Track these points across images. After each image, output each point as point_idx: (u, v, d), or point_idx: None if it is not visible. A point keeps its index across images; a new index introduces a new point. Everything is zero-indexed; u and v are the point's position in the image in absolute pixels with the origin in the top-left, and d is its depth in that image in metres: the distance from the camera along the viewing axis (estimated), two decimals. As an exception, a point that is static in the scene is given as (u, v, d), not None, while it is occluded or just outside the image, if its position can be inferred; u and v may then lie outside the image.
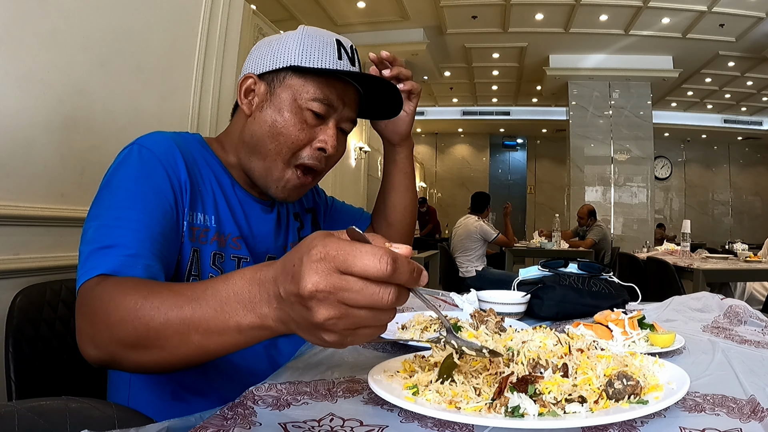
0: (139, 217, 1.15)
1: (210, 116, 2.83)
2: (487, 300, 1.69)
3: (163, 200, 1.22)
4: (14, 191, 1.77)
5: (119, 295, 0.98)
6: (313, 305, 0.70)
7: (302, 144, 1.35)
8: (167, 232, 1.21)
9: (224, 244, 1.37)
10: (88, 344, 1.01)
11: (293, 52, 1.34)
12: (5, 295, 1.52)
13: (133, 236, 1.12)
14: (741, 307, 1.70)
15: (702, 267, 4.97)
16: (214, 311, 0.85)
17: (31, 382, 1.42)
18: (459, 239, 7.09)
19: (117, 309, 0.96)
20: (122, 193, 1.19)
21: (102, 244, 1.10)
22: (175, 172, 1.27)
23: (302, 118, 1.34)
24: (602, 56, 11.92)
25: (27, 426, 0.81)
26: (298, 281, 0.70)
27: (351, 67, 1.39)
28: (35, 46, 1.84)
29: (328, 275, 0.69)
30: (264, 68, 1.38)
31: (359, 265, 0.69)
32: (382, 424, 0.82)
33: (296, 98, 1.33)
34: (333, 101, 1.35)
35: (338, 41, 1.39)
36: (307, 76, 1.34)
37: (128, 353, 0.97)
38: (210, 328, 0.85)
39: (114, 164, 1.26)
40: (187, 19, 2.67)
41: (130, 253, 1.09)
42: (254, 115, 1.38)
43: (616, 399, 0.83)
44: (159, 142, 1.29)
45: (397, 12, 10.12)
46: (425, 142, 19.79)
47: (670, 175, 18.52)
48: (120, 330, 0.95)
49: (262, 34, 4.61)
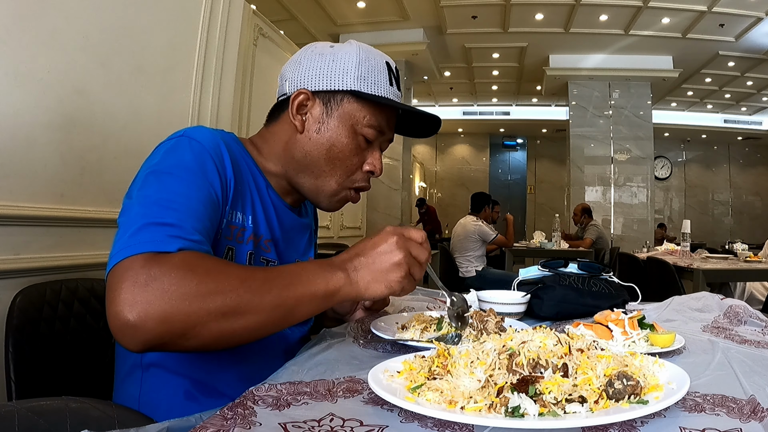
0: (197, 206, 1.13)
1: (210, 116, 2.83)
2: (487, 300, 1.69)
3: (212, 193, 1.20)
4: (14, 191, 1.77)
5: (219, 264, 1.03)
6: (395, 251, 1.11)
7: (355, 168, 1.41)
8: (214, 226, 1.21)
9: (257, 245, 1.38)
10: (153, 321, 0.91)
11: (352, 75, 1.35)
12: (5, 295, 1.53)
13: (193, 222, 1.08)
14: (741, 307, 1.69)
15: (702, 267, 4.97)
16: (299, 279, 1.06)
17: (30, 382, 1.42)
18: (458, 239, 7.09)
19: (224, 275, 0.99)
20: (174, 180, 1.14)
21: (163, 220, 1.04)
22: (222, 168, 1.25)
23: (357, 143, 1.39)
24: (602, 56, 11.91)
25: (27, 426, 0.81)
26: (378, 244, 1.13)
27: (398, 92, 1.43)
28: (35, 47, 1.84)
29: (400, 236, 1.13)
30: (319, 86, 1.37)
31: (414, 234, 1.16)
32: (382, 424, 0.82)
33: (353, 123, 1.37)
34: (383, 128, 1.41)
35: (388, 64, 1.42)
36: (364, 101, 1.37)
37: (217, 322, 0.96)
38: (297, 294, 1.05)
39: (160, 153, 1.21)
40: (187, 19, 2.67)
41: (194, 239, 1.05)
42: (308, 134, 1.38)
43: (616, 399, 0.82)
44: (207, 136, 1.27)
45: (397, 12, 10.11)
46: (425, 142, 19.77)
47: (670, 175, 18.53)
48: (222, 297, 0.96)
49: (262, 34, 4.60)
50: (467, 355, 0.93)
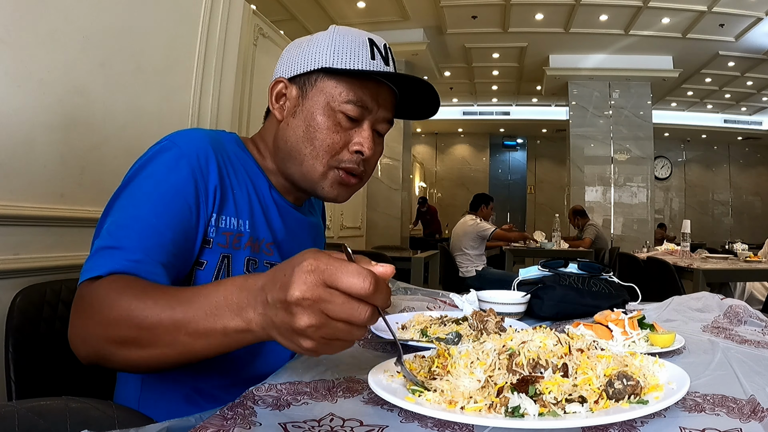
0: (152, 220, 1.14)
1: (210, 116, 2.84)
2: (487, 300, 1.69)
3: (182, 203, 1.19)
4: (14, 191, 1.77)
5: (113, 293, 1.00)
6: (297, 311, 0.76)
7: (338, 147, 1.31)
8: (180, 239, 1.19)
9: (258, 249, 1.35)
10: (78, 340, 1.04)
11: (324, 53, 1.30)
12: (5, 295, 1.52)
13: (140, 240, 1.11)
14: (741, 307, 1.70)
15: (702, 267, 4.97)
16: (204, 314, 0.90)
17: (30, 382, 1.42)
18: (457, 238, 7.10)
19: (110, 308, 0.98)
20: (140, 192, 1.18)
21: (109, 243, 1.10)
22: (203, 174, 1.23)
23: (336, 121, 1.30)
24: (602, 56, 11.91)
25: (27, 426, 0.81)
26: (286, 288, 0.77)
27: (385, 66, 1.33)
28: (35, 47, 1.84)
29: (315, 286, 0.76)
30: (295, 71, 1.34)
31: (345, 282, 0.75)
32: (382, 424, 0.82)
33: (329, 101, 1.30)
34: (367, 103, 1.31)
35: (371, 40, 1.33)
36: (339, 77, 1.30)
37: (118, 350, 1.00)
38: (198, 330, 0.90)
39: (143, 158, 1.24)
40: (187, 19, 2.67)
41: (134, 258, 1.08)
42: (287, 120, 1.35)
43: (616, 399, 0.83)
44: (192, 141, 1.26)
45: (397, 12, 10.11)
46: (425, 142, 19.79)
47: (670, 175, 18.53)
48: (113, 329, 0.98)
49: (262, 35, 4.60)
50: (467, 356, 0.93)
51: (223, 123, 2.97)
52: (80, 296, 1.06)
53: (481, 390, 0.84)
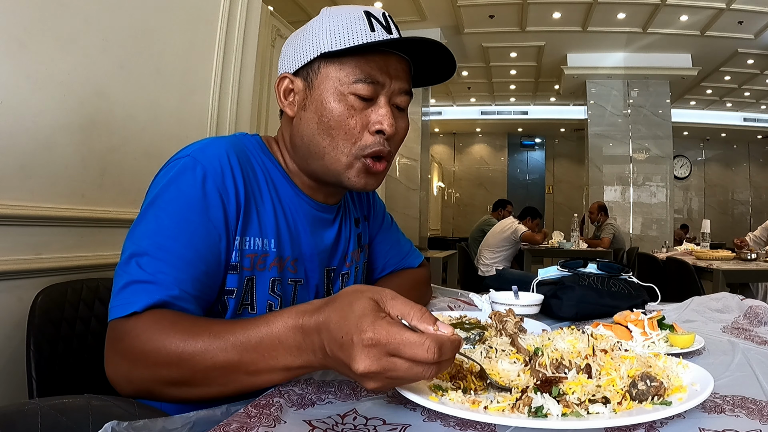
0: (185, 253, 1.11)
1: (229, 117, 2.84)
2: (499, 302, 1.66)
3: (212, 232, 1.16)
4: (35, 192, 1.78)
5: (159, 334, 0.99)
6: (363, 380, 0.80)
7: (357, 132, 1.24)
8: (212, 271, 1.16)
9: (282, 268, 1.31)
10: (122, 380, 1.03)
11: (321, 37, 1.24)
12: (27, 294, 1.54)
13: (175, 275, 1.08)
14: (761, 308, 1.68)
15: (722, 267, 4.92)
16: (261, 356, 0.91)
17: (51, 381, 1.43)
18: (492, 235, 7.12)
19: (158, 350, 0.97)
20: (169, 220, 1.13)
21: (141, 277, 1.06)
22: (228, 197, 1.19)
23: (348, 104, 1.23)
24: (620, 55, 11.83)
25: (50, 423, 0.82)
26: (350, 360, 0.78)
27: (387, 35, 1.25)
28: (55, 49, 1.85)
29: (378, 359, 0.77)
30: (297, 64, 1.29)
31: (408, 353, 0.76)
32: (404, 423, 0.82)
33: (336, 85, 1.23)
34: (377, 77, 1.23)
35: (367, 12, 1.26)
36: (341, 58, 1.23)
37: (169, 390, 1.00)
38: (259, 369, 0.92)
39: (166, 177, 1.18)
40: (206, 20, 2.68)
41: (172, 294, 1.06)
42: (299, 115, 1.30)
43: (639, 400, 0.82)
44: (216, 159, 1.20)
45: (414, 12, 10.10)
46: (443, 141, 19.76)
47: (689, 174, 18.37)
48: (163, 371, 0.97)
49: (279, 35, 4.62)
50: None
51: (242, 124, 2.97)
52: (118, 334, 1.03)
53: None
